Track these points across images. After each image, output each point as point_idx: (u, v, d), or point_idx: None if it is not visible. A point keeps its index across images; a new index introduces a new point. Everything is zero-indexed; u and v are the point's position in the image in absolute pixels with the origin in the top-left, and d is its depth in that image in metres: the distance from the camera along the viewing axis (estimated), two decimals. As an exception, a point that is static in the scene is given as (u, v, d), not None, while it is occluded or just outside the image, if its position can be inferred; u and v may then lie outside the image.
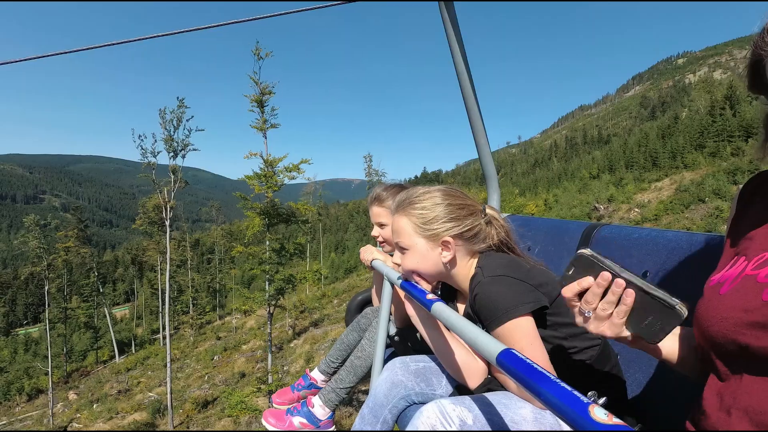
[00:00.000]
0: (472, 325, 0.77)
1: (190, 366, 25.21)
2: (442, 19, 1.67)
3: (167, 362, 16.34)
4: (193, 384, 21.20)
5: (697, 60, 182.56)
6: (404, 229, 1.17)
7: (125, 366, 30.35)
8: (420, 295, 1.03)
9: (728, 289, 0.67)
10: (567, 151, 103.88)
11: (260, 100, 12.19)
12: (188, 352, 29.15)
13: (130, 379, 26.09)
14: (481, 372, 1.16)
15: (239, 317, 34.22)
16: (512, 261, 1.12)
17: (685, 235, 1.20)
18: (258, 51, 12.11)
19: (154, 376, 25.62)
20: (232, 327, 32.77)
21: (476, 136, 2.03)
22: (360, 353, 1.81)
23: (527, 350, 0.95)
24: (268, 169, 11.88)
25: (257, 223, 11.79)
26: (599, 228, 1.54)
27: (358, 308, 2.24)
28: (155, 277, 39.90)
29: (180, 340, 33.83)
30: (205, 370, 22.32)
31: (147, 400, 20.45)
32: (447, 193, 1.18)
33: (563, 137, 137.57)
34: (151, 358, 30.58)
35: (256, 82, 12.06)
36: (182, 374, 23.69)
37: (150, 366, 28.72)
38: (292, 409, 1.81)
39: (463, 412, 0.92)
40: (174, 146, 16.34)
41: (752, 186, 0.79)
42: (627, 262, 1.34)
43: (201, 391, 19.14)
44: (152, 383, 23.90)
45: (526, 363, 0.59)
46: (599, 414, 0.46)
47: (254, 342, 25.00)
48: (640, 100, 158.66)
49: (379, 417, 1.24)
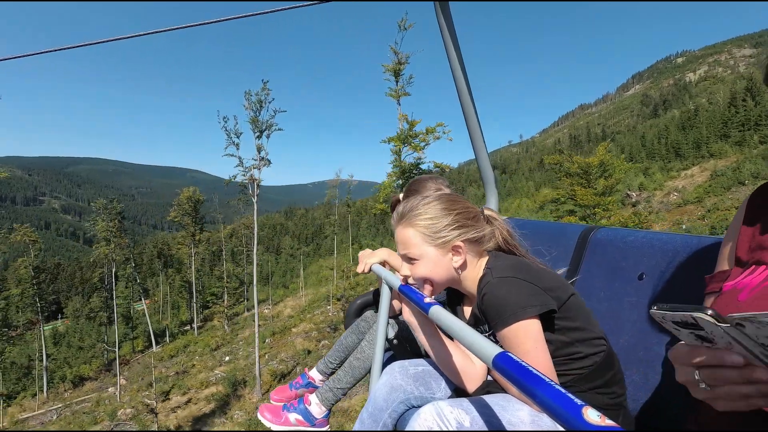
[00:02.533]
0: (470, 328, 0.77)
1: (241, 349, 27.11)
2: (438, 20, 1.66)
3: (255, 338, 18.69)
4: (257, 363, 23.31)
5: (697, 59, 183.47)
6: (412, 240, 1.17)
7: (167, 353, 31.96)
8: (418, 298, 1.03)
9: (749, 297, 0.66)
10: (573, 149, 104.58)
11: (397, 69, 12.91)
12: (230, 339, 30.99)
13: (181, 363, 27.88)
14: (480, 376, 1.17)
15: (269, 309, 36.78)
16: (521, 262, 1.13)
17: (681, 237, 1.20)
18: (404, 21, 12.67)
19: (205, 360, 27.38)
20: (267, 316, 34.54)
21: (473, 137, 2.02)
22: (359, 354, 1.81)
23: (531, 353, 0.95)
24: (411, 131, 12.82)
25: (387, 185, 13.18)
26: (596, 231, 1.54)
27: (357, 312, 2.24)
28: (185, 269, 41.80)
29: (212, 330, 35.77)
30: (262, 351, 23.95)
31: (213, 377, 22.85)
32: (449, 199, 1.20)
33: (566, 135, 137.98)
34: (191, 346, 32.30)
35: (396, 52, 12.79)
36: (239, 356, 25.65)
37: (193, 352, 30.33)
38: (289, 406, 1.80)
39: (460, 414, 0.92)
40: (259, 126, 17.55)
41: (765, 193, 0.78)
42: (623, 265, 1.35)
43: (270, 366, 20.91)
44: (208, 365, 25.87)
45: (521, 366, 0.60)
46: (592, 416, 0.46)
47: (304, 325, 26.60)
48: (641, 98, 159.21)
49: (379, 421, 1.24)
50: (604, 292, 1.38)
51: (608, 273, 1.39)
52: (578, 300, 1.10)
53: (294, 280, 53.98)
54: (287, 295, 44.26)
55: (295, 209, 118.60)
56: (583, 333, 1.06)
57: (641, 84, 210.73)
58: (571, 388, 1.02)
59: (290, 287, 49.15)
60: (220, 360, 26.46)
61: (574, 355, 1.04)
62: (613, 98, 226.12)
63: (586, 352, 1.04)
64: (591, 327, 1.07)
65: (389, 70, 13.04)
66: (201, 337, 34.55)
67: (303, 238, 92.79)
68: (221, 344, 30.35)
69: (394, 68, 12.96)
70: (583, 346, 1.05)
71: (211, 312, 40.23)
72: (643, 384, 1.14)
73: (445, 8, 1.62)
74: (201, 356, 28.51)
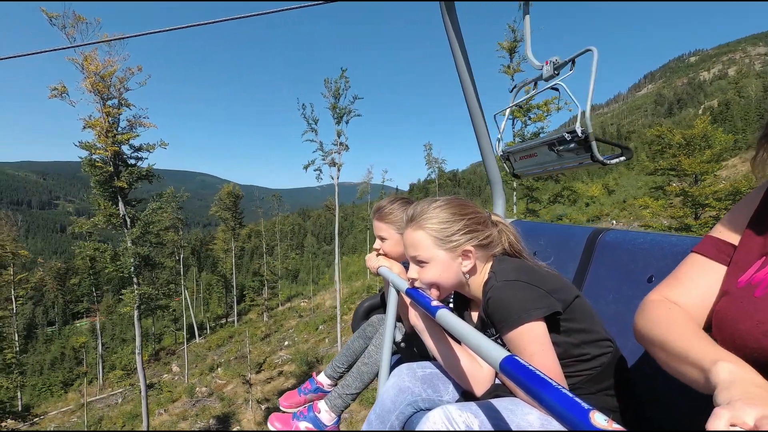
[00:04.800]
0: (476, 332, 0.77)
1: (295, 336, 29.03)
2: (443, 20, 1.66)
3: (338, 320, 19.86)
4: (318, 346, 25.01)
5: (710, 58, 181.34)
6: (423, 243, 1.17)
7: (214, 343, 33.73)
8: (425, 302, 1.03)
9: (765, 293, 0.64)
10: None
11: (513, 47, 13.75)
12: (275, 329, 32.87)
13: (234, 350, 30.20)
14: (487, 379, 1.16)
15: (306, 302, 38.81)
16: (525, 266, 1.13)
17: (691, 239, 1.18)
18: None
19: (260, 346, 29.42)
20: (310, 307, 36.33)
21: (480, 140, 2.01)
22: (367, 359, 1.81)
23: (538, 355, 0.95)
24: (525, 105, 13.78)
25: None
26: (604, 233, 1.53)
27: (365, 314, 2.25)
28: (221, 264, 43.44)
29: (250, 323, 37.45)
30: (320, 336, 25.47)
31: (279, 359, 25.42)
32: (459, 204, 1.20)
33: None
34: (235, 337, 34.29)
35: (513, 29, 13.60)
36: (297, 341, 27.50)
37: (240, 342, 31.97)
38: (299, 414, 1.81)
39: (469, 417, 0.92)
40: (338, 112, 18.41)
41: None
42: (632, 267, 1.33)
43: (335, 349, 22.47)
44: (266, 350, 27.98)
45: (528, 369, 0.60)
46: (599, 420, 0.47)
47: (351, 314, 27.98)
48: (654, 98, 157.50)
49: (386, 423, 1.24)
50: (612, 295, 1.37)
51: (617, 275, 1.38)
52: (583, 302, 1.10)
53: (321, 276, 55.40)
54: (317, 290, 45.71)
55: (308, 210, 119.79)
56: (590, 335, 1.05)
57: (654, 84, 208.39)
58: (579, 390, 1.02)
59: (320, 283, 50.69)
60: (279, 345, 28.38)
61: (582, 357, 1.04)
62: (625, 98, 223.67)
63: (594, 354, 1.04)
64: (597, 328, 1.07)
65: (504, 48, 13.89)
66: (243, 327, 36.09)
67: (322, 237, 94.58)
68: (269, 333, 32.26)
69: (509, 46, 13.79)
70: (590, 348, 1.04)
71: (247, 305, 41.91)
72: (653, 387, 1.13)
73: (450, 8, 1.62)
74: (253, 343, 30.14)
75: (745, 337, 0.62)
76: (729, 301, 0.69)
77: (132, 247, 14.54)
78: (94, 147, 13.86)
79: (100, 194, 14.30)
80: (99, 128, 13.75)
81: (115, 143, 14.03)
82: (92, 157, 14.08)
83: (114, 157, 14.23)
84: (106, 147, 13.84)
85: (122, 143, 14.36)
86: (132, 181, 14.63)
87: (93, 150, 13.93)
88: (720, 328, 0.68)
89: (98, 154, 13.95)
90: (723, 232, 0.82)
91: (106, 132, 13.84)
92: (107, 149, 13.84)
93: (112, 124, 14.10)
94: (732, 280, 0.73)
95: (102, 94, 13.83)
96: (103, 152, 13.89)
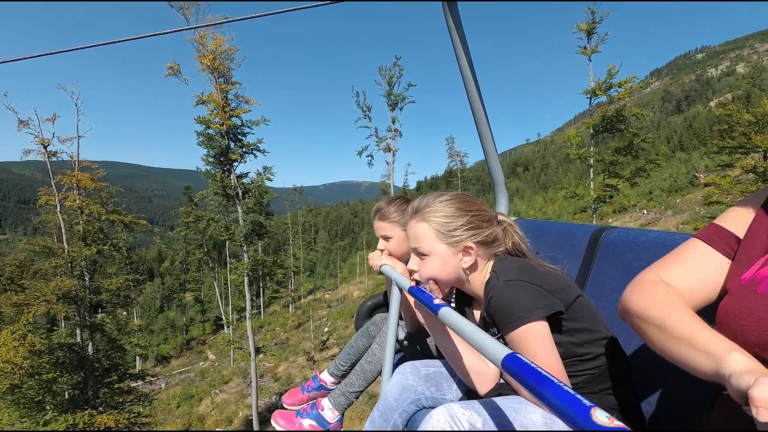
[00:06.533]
0: (479, 330, 0.77)
1: (330, 323, 30.02)
2: (446, 20, 1.64)
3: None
4: (358, 331, 26.46)
5: (717, 54, 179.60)
6: (425, 236, 1.17)
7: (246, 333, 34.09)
8: (428, 300, 1.03)
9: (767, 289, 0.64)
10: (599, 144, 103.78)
11: (591, 28, 14.38)
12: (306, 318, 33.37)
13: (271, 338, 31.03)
14: (492, 377, 1.16)
15: (330, 293, 39.99)
16: (526, 265, 1.12)
17: None
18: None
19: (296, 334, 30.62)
20: (337, 298, 37.35)
21: (483, 139, 1.99)
22: (370, 358, 1.82)
23: (541, 355, 0.95)
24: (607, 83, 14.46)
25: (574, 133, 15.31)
26: (607, 231, 1.51)
27: (368, 313, 2.25)
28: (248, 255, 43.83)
29: (276, 315, 38.46)
30: None
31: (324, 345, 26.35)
32: (465, 200, 1.20)
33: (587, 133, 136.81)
34: (265, 327, 35.29)
35: (592, 11, 14.32)
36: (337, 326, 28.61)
37: (272, 331, 33.30)
38: (302, 411, 1.82)
39: (472, 416, 0.92)
40: (393, 99, 18.91)
41: None
42: (635, 266, 1.32)
43: None
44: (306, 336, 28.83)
45: (530, 367, 0.60)
46: (601, 417, 0.47)
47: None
48: (662, 95, 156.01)
49: (390, 421, 1.24)
50: (616, 294, 1.36)
51: (621, 274, 1.37)
52: (585, 301, 1.09)
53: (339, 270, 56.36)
54: (337, 284, 46.58)
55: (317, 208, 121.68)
56: (592, 334, 1.05)
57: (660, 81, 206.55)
58: (582, 390, 1.02)
59: (339, 276, 51.67)
60: (320, 331, 29.23)
61: (584, 356, 1.04)
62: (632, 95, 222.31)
63: (596, 353, 1.04)
64: (599, 327, 1.07)
65: (582, 29, 14.49)
66: (271, 318, 37.33)
67: (334, 233, 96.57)
68: (300, 323, 33.13)
69: (588, 27, 14.40)
70: (592, 347, 1.04)
71: (269, 298, 42.64)
72: (656, 386, 1.13)
73: (453, 8, 1.60)
74: (287, 331, 31.34)
75: (747, 334, 0.63)
76: (732, 298, 0.69)
77: (250, 216, 15.28)
78: (210, 121, 14.57)
79: (214, 166, 15.05)
80: (215, 104, 14.47)
81: (229, 118, 14.75)
82: (208, 131, 14.78)
83: (228, 131, 14.97)
84: (222, 121, 14.54)
85: (237, 117, 15.04)
86: (244, 153, 15.34)
87: (210, 124, 14.63)
88: (723, 324, 0.68)
89: (215, 128, 14.73)
90: (728, 222, 0.81)
91: (222, 107, 14.52)
92: (223, 123, 14.56)
93: (225, 100, 14.80)
94: (736, 276, 0.73)
95: (217, 72, 14.57)
96: (219, 126, 14.61)
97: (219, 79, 14.65)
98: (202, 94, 14.62)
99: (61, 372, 12.82)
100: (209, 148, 14.75)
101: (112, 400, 14.29)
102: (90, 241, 14.98)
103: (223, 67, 14.58)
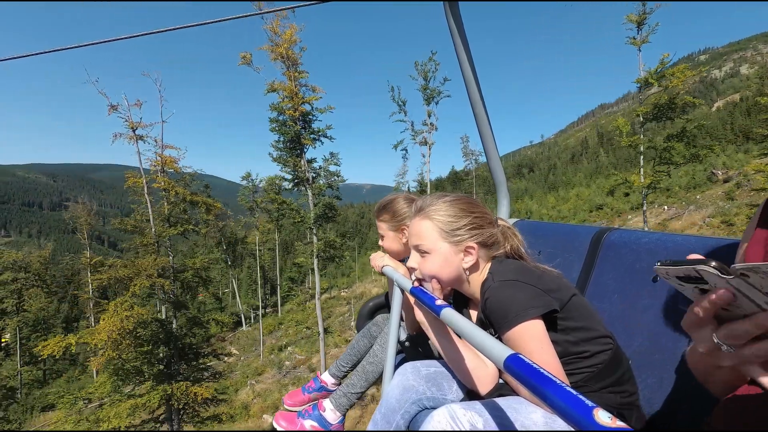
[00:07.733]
0: (481, 330, 0.77)
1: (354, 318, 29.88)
2: (447, 21, 1.64)
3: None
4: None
5: (720, 56, 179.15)
6: (428, 234, 1.19)
7: (266, 329, 34.93)
8: (429, 301, 1.03)
9: None
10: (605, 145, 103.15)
11: (641, 20, 14.97)
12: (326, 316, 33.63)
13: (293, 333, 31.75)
14: (492, 378, 1.16)
15: (346, 291, 40.36)
16: (522, 266, 1.14)
17: (696, 239, 1.18)
18: None
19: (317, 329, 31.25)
20: (354, 296, 37.58)
21: (484, 141, 2.00)
22: (372, 359, 1.82)
23: (537, 354, 0.95)
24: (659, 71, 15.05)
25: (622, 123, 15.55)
26: (609, 233, 1.52)
27: (369, 314, 2.25)
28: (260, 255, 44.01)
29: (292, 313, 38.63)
30: None
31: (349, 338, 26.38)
32: (468, 201, 1.23)
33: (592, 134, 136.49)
34: (284, 324, 35.93)
35: (643, 2, 14.78)
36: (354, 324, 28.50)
37: (291, 328, 33.82)
38: (304, 413, 1.82)
39: (473, 416, 0.92)
40: (428, 93, 19.18)
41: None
42: (637, 267, 1.32)
43: None
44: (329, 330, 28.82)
45: (532, 367, 0.60)
46: (603, 417, 0.46)
47: (409, 298, 30.96)
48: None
49: (392, 422, 1.24)
50: (617, 295, 1.36)
51: (622, 275, 1.37)
52: (581, 300, 1.10)
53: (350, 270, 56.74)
54: (350, 283, 46.70)
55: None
56: (588, 332, 1.06)
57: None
58: (582, 388, 1.02)
59: (351, 275, 52.04)
60: (346, 327, 29.78)
61: (582, 354, 1.04)
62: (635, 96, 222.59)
63: (593, 351, 1.04)
64: (595, 326, 1.07)
65: (633, 20, 15.02)
66: (290, 315, 37.62)
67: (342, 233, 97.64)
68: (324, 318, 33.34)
69: (638, 19, 14.92)
70: (589, 345, 1.05)
71: (284, 295, 42.84)
72: (658, 386, 1.12)
73: (454, 8, 1.61)
74: (310, 327, 31.58)
75: None
76: None
77: (323, 198, 15.74)
78: (284, 108, 15.01)
79: (287, 152, 15.49)
80: (288, 91, 14.90)
81: (302, 104, 15.18)
82: (280, 117, 15.22)
83: (300, 118, 15.41)
84: (295, 107, 14.97)
85: (308, 104, 15.43)
86: (314, 139, 15.73)
87: (283, 111, 15.06)
88: None
89: (287, 114, 15.17)
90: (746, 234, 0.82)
91: (294, 95, 14.98)
92: (296, 109, 14.99)
93: (296, 87, 15.24)
94: None
95: (290, 60, 15.00)
96: (292, 112, 15.03)
97: (292, 66, 15.06)
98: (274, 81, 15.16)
99: (155, 345, 13.37)
100: (282, 134, 15.21)
101: (193, 375, 14.67)
102: (173, 221, 15.41)
103: (294, 56, 15.05)
